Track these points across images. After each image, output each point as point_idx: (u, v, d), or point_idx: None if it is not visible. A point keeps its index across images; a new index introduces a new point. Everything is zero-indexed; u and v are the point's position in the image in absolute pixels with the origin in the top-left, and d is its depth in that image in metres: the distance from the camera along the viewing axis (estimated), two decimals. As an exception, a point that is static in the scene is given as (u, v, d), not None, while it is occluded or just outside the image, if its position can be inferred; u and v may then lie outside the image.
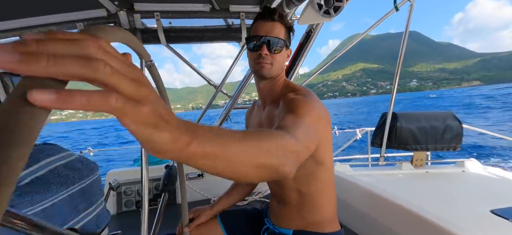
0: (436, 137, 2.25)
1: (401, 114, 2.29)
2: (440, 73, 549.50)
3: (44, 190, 0.44)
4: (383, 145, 2.32)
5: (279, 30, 0.86)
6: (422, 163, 2.35)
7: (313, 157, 0.85)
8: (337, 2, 1.31)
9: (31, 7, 1.22)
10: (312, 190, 0.91)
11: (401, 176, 2.26)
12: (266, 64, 0.85)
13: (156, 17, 1.43)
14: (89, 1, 1.27)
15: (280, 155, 0.44)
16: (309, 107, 0.73)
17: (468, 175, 2.25)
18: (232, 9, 1.52)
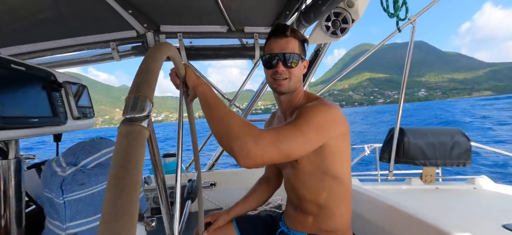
0: (444, 152, 2.26)
1: (409, 129, 2.33)
2: (449, 83, 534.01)
3: (104, 173, 0.54)
4: (391, 160, 2.34)
5: (294, 45, 0.87)
6: (432, 179, 2.34)
7: (331, 171, 0.88)
8: (343, 24, 1.43)
9: (72, 29, 1.41)
10: (330, 203, 0.93)
11: (412, 191, 2.25)
12: (284, 80, 0.88)
13: (179, 37, 1.59)
14: (121, 24, 1.44)
15: (229, 139, 0.66)
16: (315, 113, 0.77)
17: (479, 191, 2.22)
18: (247, 30, 1.67)
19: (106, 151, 0.58)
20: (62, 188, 0.49)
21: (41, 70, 0.62)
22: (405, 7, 1.25)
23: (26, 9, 1.15)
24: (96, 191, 0.52)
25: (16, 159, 0.54)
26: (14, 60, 0.53)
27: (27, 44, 1.39)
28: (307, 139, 0.74)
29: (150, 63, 0.38)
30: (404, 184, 2.34)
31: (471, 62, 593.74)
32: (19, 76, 0.54)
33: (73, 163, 0.52)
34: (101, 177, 0.53)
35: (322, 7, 1.22)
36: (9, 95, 0.50)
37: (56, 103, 0.64)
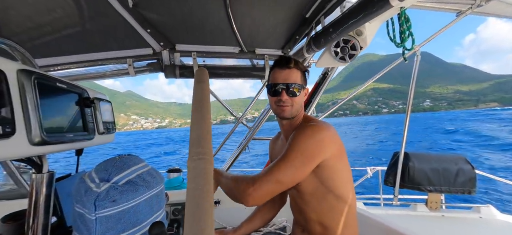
0: (449, 179, 2.25)
1: (413, 154, 2.34)
2: (454, 94, 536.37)
3: (134, 190, 0.56)
4: (396, 184, 2.33)
5: (296, 76, 0.96)
6: (437, 206, 2.31)
7: (332, 192, 0.91)
8: (352, 51, 1.50)
9: (94, 45, 1.47)
10: (334, 223, 0.94)
11: (417, 217, 2.22)
12: (287, 107, 0.96)
13: (193, 56, 1.66)
14: (139, 41, 1.51)
15: (236, 194, 0.85)
16: (303, 139, 0.84)
17: (486, 221, 2.19)
18: (258, 51, 1.75)
19: (136, 168, 0.59)
20: (95, 204, 0.50)
21: (78, 88, 0.65)
22: (411, 38, 1.32)
23: (53, 25, 1.21)
24: (126, 208, 0.53)
25: (49, 173, 0.56)
26: (58, 79, 0.57)
27: (55, 57, 1.45)
28: (295, 167, 0.83)
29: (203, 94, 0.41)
30: (409, 210, 2.32)
31: (476, 74, 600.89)
32: (61, 94, 0.58)
33: (106, 179, 0.54)
34: (130, 194, 0.55)
35: (332, 34, 1.29)
36: (51, 112, 0.53)
37: (87, 119, 0.67)
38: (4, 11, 1.04)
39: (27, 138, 0.45)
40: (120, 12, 1.16)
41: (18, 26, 1.16)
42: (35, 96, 0.46)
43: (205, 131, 0.36)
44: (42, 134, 0.47)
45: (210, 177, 0.30)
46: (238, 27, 1.45)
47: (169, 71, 1.63)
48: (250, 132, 2.02)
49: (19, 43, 0.85)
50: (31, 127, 0.45)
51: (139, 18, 1.26)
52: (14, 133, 0.41)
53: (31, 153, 0.47)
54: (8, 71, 0.42)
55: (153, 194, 0.60)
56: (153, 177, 0.62)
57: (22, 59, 0.59)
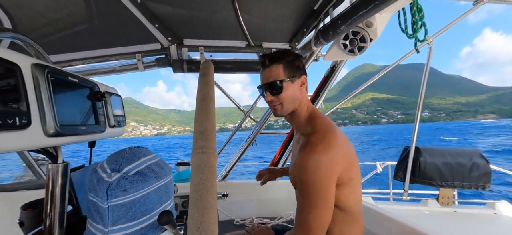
0: (462, 174, 2.19)
1: (425, 148, 2.28)
2: (452, 105, 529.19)
3: (144, 180, 0.58)
4: (406, 179, 2.28)
5: (276, 72, 0.90)
6: (449, 201, 2.26)
7: (337, 203, 0.87)
8: (361, 43, 1.47)
9: (101, 41, 1.50)
10: (337, 231, 0.91)
11: (428, 213, 2.18)
12: (277, 106, 0.93)
13: (200, 50, 1.67)
14: (148, 37, 1.53)
15: None
16: (312, 178, 0.79)
17: (500, 217, 2.12)
18: (265, 45, 1.73)
19: (145, 159, 0.61)
20: (107, 193, 0.52)
21: (89, 82, 0.67)
22: (424, 29, 1.27)
23: (65, 21, 1.25)
24: (136, 197, 0.55)
25: (64, 163, 0.58)
26: (70, 73, 0.59)
27: (66, 54, 1.49)
28: (323, 208, 0.81)
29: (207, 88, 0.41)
30: (420, 205, 2.27)
31: (473, 86, 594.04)
32: (73, 88, 0.60)
33: (117, 170, 0.56)
34: (140, 184, 0.56)
35: (341, 27, 1.26)
36: (65, 105, 0.55)
37: (98, 112, 0.69)
38: (19, 8, 1.08)
39: (42, 129, 0.47)
40: (128, 8, 1.18)
41: (32, 23, 1.20)
42: (49, 89, 0.48)
43: (210, 124, 0.37)
44: (56, 125, 0.49)
45: (213, 170, 0.31)
46: (245, 21, 1.44)
47: (177, 66, 1.65)
48: (258, 126, 2.03)
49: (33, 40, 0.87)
50: (46, 119, 0.47)
51: (147, 13, 1.28)
52: (30, 124, 0.43)
53: (46, 144, 0.49)
54: (23, 65, 0.43)
55: (162, 185, 0.61)
56: (162, 168, 0.63)
57: (36, 54, 0.62)
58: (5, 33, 0.56)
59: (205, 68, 0.54)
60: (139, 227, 0.55)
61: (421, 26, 1.28)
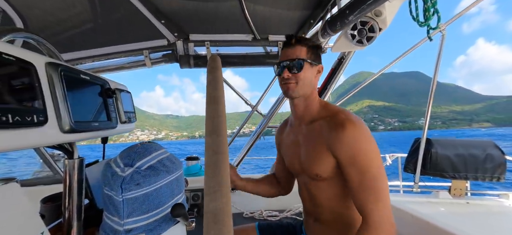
0: (476, 165, 2.13)
1: (436, 140, 2.23)
2: (448, 113, 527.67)
3: (156, 175, 0.59)
4: (417, 171, 2.24)
5: (299, 52, 0.91)
6: (461, 193, 2.21)
7: (344, 181, 0.87)
8: (370, 33, 1.43)
9: (108, 39, 1.53)
10: (347, 210, 0.92)
11: (439, 205, 2.14)
12: (291, 84, 0.92)
13: (207, 45, 1.67)
14: (154, 33, 1.54)
15: None
16: (375, 153, 0.80)
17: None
18: (271, 38, 1.71)
19: (156, 154, 0.62)
20: (122, 187, 0.54)
21: (100, 79, 0.68)
22: (437, 16, 1.23)
23: (73, 20, 1.27)
24: (149, 191, 0.57)
25: (79, 158, 0.60)
26: (82, 71, 0.60)
27: (75, 52, 1.53)
28: (385, 177, 0.80)
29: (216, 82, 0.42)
30: (431, 197, 2.24)
31: (468, 94, 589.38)
32: (85, 85, 0.61)
33: (130, 164, 0.57)
34: (153, 178, 0.58)
35: (350, 17, 1.23)
36: (78, 102, 0.57)
37: (109, 109, 0.70)
38: (29, 9, 1.11)
39: (58, 126, 0.48)
40: (134, 4, 1.19)
41: (42, 23, 1.23)
42: (63, 87, 0.49)
43: (220, 121, 0.37)
44: (71, 122, 0.50)
45: (226, 167, 0.31)
46: (250, 14, 1.43)
47: (184, 62, 1.66)
48: (265, 120, 2.03)
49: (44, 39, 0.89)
50: (61, 116, 0.49)
51: (152, 9, 1.28)
52: (46, 121, 0.44)
53: (63, 140, 0.50)
54: (37, 64, 0.45)
55: (173, 179, 0.62)
56: (173, 162, 0.64)
57: (48, 53, 0.63)
58: (20, 33, 0.58)
59: (213, 62, 0.54)
60: (153, 219, 0.56)
61: (433, 13, 1.23)
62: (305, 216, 1.11)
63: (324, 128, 0.88)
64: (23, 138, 0.40)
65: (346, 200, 0.92)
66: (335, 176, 0.89)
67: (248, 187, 1.17)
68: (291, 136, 1.07)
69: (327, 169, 0.88)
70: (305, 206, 1.09)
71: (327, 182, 0.92)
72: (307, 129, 0.97)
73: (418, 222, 1.29)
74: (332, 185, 0.92)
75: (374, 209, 0.76)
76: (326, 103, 0.99)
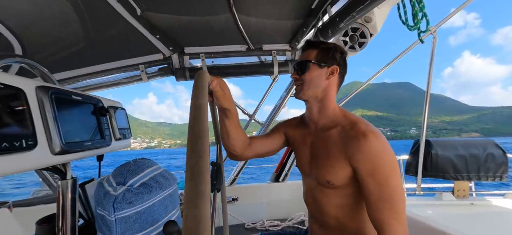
0: (478, 165, 2.11)
1: (436, 141, 2.22)
2: (439, 123, 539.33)
3: (148, 192, 0.59)
4: (418, 173, 2.22)
5: (309, 54, 0.93)
6: (465, 194, 2.18)
7: (354, 191, 0.87)
8: (361, 39, 1.45)
9: (105, 56, 1.55)
10: (352, 221, 0.91)
11: (444, 207, 2.11)
12: (298, 86, 0.94)
13: (202, 57, 1.69)
14: (150, 48, 1.56)
15: None
16: (395, 166, 0.79)
17: None
18: (265, 48, 1.74)
19: (149, 171, 0.63)
20: (114, 206, 0.54)
21: (92, 98, 0.69)
22: (426, 20, 1.25)
23: (69, 39, 1.30)
24: (142, 209, 0.56)
25: (72, 179, 0.60)
26: (74, 91, 0.61)
27: (72, 70, 1.55)
28: (403, 192, 0.80)
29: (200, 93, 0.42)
30: (434, 199, 2.21)
31: (456, 105, 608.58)
32: (77, 105, 0.62)
33: (122, 183, 0.57)
34: (145, 195, 0.58)
35: (340, 24, 1.25)
36: (70, 122, 0.57)
37: (103, 127, 0.71)
38: (27, 29, 1.13)
39: (49, 149, 0.49)
40: (129, 21, 1.21)
41: (40, 44, 1.25)
42: (53, 109, 0.50)
43: (202, 130, 0.37)
44: (62, 144, 0.51)
45: (206, 176, 0.31)
46: (243, 25, 1.45)
47: (180, 74, 1.68)
48: (263, 128, 2.03)
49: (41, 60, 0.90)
50: (52, 138, 0.49)
51: (148, 25, 1.31)
52: (36, 145, 0.45)
53: (53, 162, 0.51)
54: (27, 89, 0.46)
55: (167, 195, 0.62)
56: (166, 178, 0.65)
57: (41, 76, 0.64)
58: (12, 58, 0.59)
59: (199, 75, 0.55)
60: (146, 237, 0.56)
61: (422, 17, 1.26)
62: (310, 221, 1.09)
63: (343, 135, 0.86)
64: (12, 163, 0.40)
65: (353, 211, 0.90)
66: (347, 185, 0.87)
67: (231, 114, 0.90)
68: (304, 136, 1.04)
69: (341, 178, 0.86)
70: (310, 211, 1.07)
71: (337, 190, 0.90)
72: (323, 134, 0.94)
73: (425, 228, 1.27)
74: (341, 194, 0.90)
75: (391, 224, 0.76)
76: (344, 111, 0.97)
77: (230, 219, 1.93)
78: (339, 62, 0.95)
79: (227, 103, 0.85)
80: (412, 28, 1.28)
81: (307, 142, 1.01)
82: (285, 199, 2.06)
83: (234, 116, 0.91)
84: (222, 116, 0.91)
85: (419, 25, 1.24)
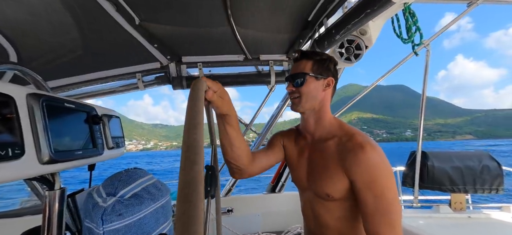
0: (473, 177, 2.11)
1: (432, 153, 2.23)
2: (433, 126, 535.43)
3: (139, 203, 0.57)
4: (415, 185, 2.22)
5: (304, 66, 0.91)
6: (462, 207, 2.17)
7: (354, 203, 0.85)
8: (357, 51, 1.47)
9: (101, 63, 1.55)
10: (354, 233, 0.89)
11: (441, 220, 2.09)
12: (295, 99, 0.93)
13: (199, 66, 1.69)
14: (147, 56, 1.57)
15: None
16: (391, 178, 0.79)
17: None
18: (262, 58, 1.75)
19: (141, 181, 0.61)
20: (102, 219, 0.52)
21: (86, 106, 0.68)
22: (419, 33, 1.28)
23: (67, 46, 1.29)
24: (131, 221, 0.54)
25: (61, 189, 0.58)
26: (67, 99, 0.60)
27: (67, 78, 1.54)
28: (399, 205, 0.79)
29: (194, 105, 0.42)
30: (432, 212, 2.19)
31: (450, 108, 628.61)
32: (69, 113, 0.61)
33: (113, 194, 0.56)
34: (136, 207, 0.56)
35: (336, 36, 1.27)
36: (61, 131, 0.56)
37: (95, 136, 0.69)
38: (23, 37, 1.12)
39: (37, 158, 0.47)
40: (127, 30, 1.22)
41: (36, 52, 1.25)
42: (44, 117, 0.49)
43: (197, 139, 0.36)
44: (50, 153, 0.49)
45: (200, 186, 0.30)
46: (241, 36, 1.47)
47: (177, 83, 1.67)
48: (259, 138, 2.02)
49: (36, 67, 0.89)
50: (41, 147, 0.48)
51: (146, 34, 1.31)
52: (23, 154, 0.44)
53: (41, 172, 0.49)
54: (17, 97, 0.44)
55: (159, 206, 0.61)
56: (158, 189, 0.63)
57: (34, 83, 0.63)
58: (5, 65, 0.58)
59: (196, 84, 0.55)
60: (135, 251, 0.54)
61: (415, 31, 1.28)
62: (307, 234, 1.07)
63: (340, 148, 0.85)
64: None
65: (354, 223, 0.89)
66: (346, 198, 0.86)
67: (232, 120, 0.83)
68: (301, 149, 1.02)
69: (339, 190, 0.85)
70: (308, 225, 1.04)
71: (337, 203, 0.89)
72: (320, 145, 0.93)
73: None
74: (341, 206, 0.89)
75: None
76: (340, 122, 0.96)
77: (224, 232, 1.89)
78: (333, 74, 0.96)
79: (226, 108, 0.78)
80: (406, 41, 1.31)
81: (304, 155, 1.00)
82: (282, 210, 2.03)
83: (235, 122, 0.84)
84: (222, 124, 0.83)
85: (413, 38, 1.26)
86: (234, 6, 1.16)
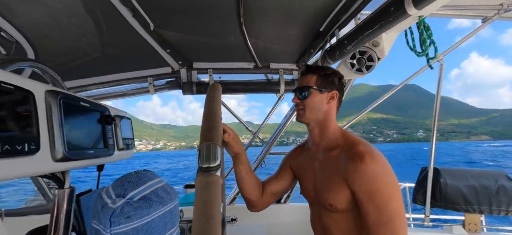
0: (489, 198, 2.02)
1: (444, 170, 2.15)
2: (447, 126, 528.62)
3: (148, 206, 0.56)
4: (427, 203, 2.13)
5: (309, 79, 0.97)
6: (476, 228, 2.07)
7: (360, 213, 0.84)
8: (369, 62, 1.46)
9: (115, 67, 1.58)
10: None
11: None
12: (299, 110, 0.98)
13: (209, 72, 1.71)
14: (159, 61, 1.59)
15: None
16: (395, 188, 0.77)
17: None
18: (272, 66, 1.76)
19: (151, 183, 0.60)
20: (111, 220, 0.50)
21: (100, 106, 0.69)
22: (434, 47, 1.26)
23: (84, 49, 1.33)
24: (140, 224, 0.53)
25: (70, 188, 0.58)
26: (82, 98, 0.60)
27: (82, 79, 1.57)
28: (404, 216, 0.77)
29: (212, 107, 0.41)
30: (444, 232, 2.09)
31: (464, 108, 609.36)
32: (84, 112, 0.61)
33: (122, 195, 0.55)
34: (145, 210, 0.55)
35: (348, 47, 1.26)
36: (75, 129, 0.56)
37: (107, 136, 0.69)
38: (41, 39, 1.16)
39: (51, 155, 0.47)
40: (142, 35, 1.24)
41: (52, 52, 1.28)
42: (60, 114, 0.49)
43: (215, 145, 0.36)
44: (64, 150, 0.49)
45: (218, 191, 0.29)
46: (252, 44, 1.48)
47: (187, 88, 1.69)
48: (266, 146, 2.00)
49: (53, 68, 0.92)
50: (55, 144, 0.48)
51: (159, 40, 1.34)
52: (38, 149, 0.43)
53: (54, 169, 0.49)
54: (36, 92, 0.45)
55: (167, 210, 0.59)
56: (168, 192, 0.62)
57: (52, 81, 0.64)
58: (25, 62, 0.59)
59: (212, 90, 0.54)
60: (142, 256, 0.52)
61: (430, 44, 1.27)
62: None
63: (342, 157, 0.86)
64: (11, 167, 0.38)
65: None
66: (350, 208, 0.85)
67: (244, 159, 0.99)
68: (308, 161, 1.05)
69: (342, 200, 0.85)
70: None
71: (343, 214, 0.88)
72: (324, 156, 0.96)
73: None
74: (347, 218, 0.88)
75: None
76: (344, 131, 0.99)
77: (228, 241, 1.84)
78: (338, 87, 1.00)
79: (238, 148, 0.95)
80: (420, 54, 1.28)
81: (311, 167, 1.02)
82: (287, 222, 1.98)
83: (246, 160, 1.01)
84: (235, 164, 1.01)
85: (427, 51, 1.24)
86: (247, 16, 1.17)
